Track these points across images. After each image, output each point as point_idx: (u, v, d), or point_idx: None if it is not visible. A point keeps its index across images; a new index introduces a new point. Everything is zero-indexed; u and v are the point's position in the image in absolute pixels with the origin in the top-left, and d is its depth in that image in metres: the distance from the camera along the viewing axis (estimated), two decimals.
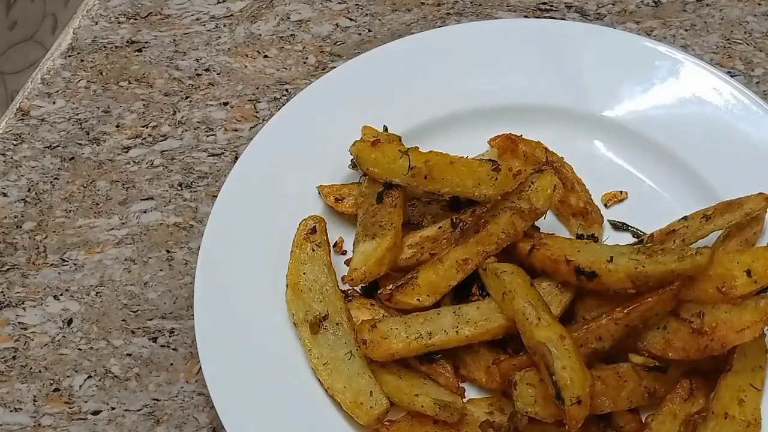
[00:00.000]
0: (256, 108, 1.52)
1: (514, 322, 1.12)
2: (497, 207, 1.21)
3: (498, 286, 1.14)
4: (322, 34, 1.61)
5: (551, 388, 1.04)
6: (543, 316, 1.10)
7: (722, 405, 1.11)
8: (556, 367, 1.04)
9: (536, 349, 1.07)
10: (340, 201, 1.31)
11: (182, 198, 1.42)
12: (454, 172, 1.24)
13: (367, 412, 1.13)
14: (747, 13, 1.59)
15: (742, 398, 1.11)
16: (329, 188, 1.32)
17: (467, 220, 1.23)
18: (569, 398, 1.03)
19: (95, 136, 1.50)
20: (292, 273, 1.23)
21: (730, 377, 1.12)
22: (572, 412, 1.03)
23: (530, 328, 1.09)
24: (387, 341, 1.14)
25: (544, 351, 1.05)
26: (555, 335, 1.07)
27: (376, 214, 1.24)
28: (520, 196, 1.20)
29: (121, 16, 1.65)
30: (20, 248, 1.38)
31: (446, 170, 1.24)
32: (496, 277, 1.15)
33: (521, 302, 1.11)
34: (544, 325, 1.08)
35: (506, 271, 1.15)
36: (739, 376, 1.13)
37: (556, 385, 1.03)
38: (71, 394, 1.25)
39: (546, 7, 1.61)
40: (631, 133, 1.37)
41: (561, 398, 1.03)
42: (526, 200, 1.19)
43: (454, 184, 1.24)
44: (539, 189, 1.20)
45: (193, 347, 1.26)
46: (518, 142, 1.35)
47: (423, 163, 1.24)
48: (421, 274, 1.19)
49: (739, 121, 1.35)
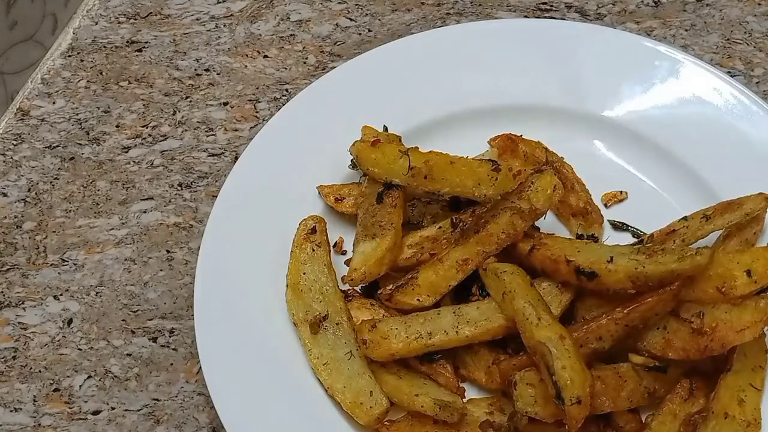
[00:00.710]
0: (256, 108, 1.52)
1: (514, 322, 1.12)
2: (497, 207, 1.21)
3: (498, 286, 1.14)
4: (322, 34, 1.61)
5: (551, 388, 1.04)
6: (543, 316, 1.09)
7: (722, 405, 1.11)
8: (556, 367, 1.04)
9: (536, 349, 1.07)
10: (340, 201, 1.31)
11: (182, 198, 1.42)
12: (454, 172, 1.24)
13: (367, 412, 1.13)
14: (747, 13, 1.59)
15: (742, 398, 1.11)
16: (329, 188, 1.32)
17: (467, 220, 1.23)
18: (569, 398, 1.03)
19: (95, 136, 1.50)
20: (292, 273, 1.23)
21: (730, 377, 1.12)
22: (572, 412, 1.03)
23: (530, 328, 1.09)
24: (387, 341, 1.14)
25: (544, 351, 1.05)
26: (555, 335, 1.07)
27: (376, 214, 1.24)
28: (520, 196, 1.20)
29: (121, 16, 1.65)
30: (20, 248, 1.38)
31: (446, 170, 1.24)
32: (496, 277, 1.15)
33: (521, 302, 1.11)
34: (544, 325, 1.08)
35: (506, 271, 1.15)
36: (739, 376, 1.12)
37: (556, 385, 1.03)
38: (71, 394, 1.25)
39: (546, 7, 1.61)
40: (631, 133, 1.37)
41: (561, 398, 1.03)
42: (526, 200, 1.19)
43: (454, 184, 1.24)
44: (539, 189, 1.20)
45: (193, 347, 1.26)
46: (518, 142, 1.35)
47: (423, 163, 1.24)
48: (421, 274, 1.19)
49: (739, 121, 1.35)
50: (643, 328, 1.12)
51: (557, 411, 1.06)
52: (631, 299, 1.11)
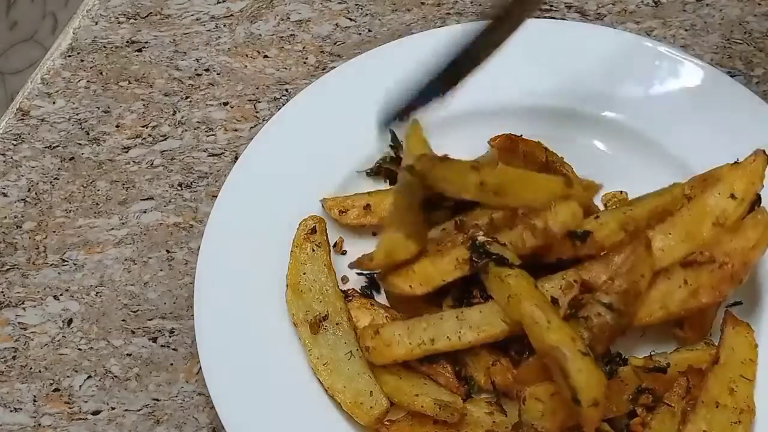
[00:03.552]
0: (256, 108, 1.52)
1: (519, 325, 1.11)
2: (513, 218, 1.20)
3: (502, 289, 1.14)
4: (322, 34, 1.61)
5: (566, 392, 1.04)
6: (552, 318, 1.09)
7: (711, 395, 1.12)
8: (572, 370, 1.03)
9: (548, 352, 1.06)
10: (345, 213, 1.30)
11: (182, 198, 1.42)
12: (527, 187, 1.22)
13: (367, 412, 1.13)
14: (747, 13, 1.59)
15: (732, 388, 1.12)
16: (333, 201, 1.31)
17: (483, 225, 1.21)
18: (586, 401, 1.02)
19: (95, 136, 1.50)
20: (292, 273, 1.23)
21: (719, 369, 1.14)
22: (589, 414, 1.03)
23: (540, 332, 1.08)
24: (390, 348, 1.14)
25: (557, 354, 1.04)
26: (567, 337, 1.06)
27: (416, 219, 1.22)
28: (538, 214, 1.19)
29: (121, 16, 1.65)
30: (20, 248, 1.38)
31: (518, 185, 1.21)
32: (500, 281, 1.14)
33: (528, 305, 1.10)
34: (554, 328, 1.07)
35: (510, 275, 1.14)
36: (728, 368, 1.14)
37: (573, 389, 1.03)
38: (71, 394, 1.25)
39: (546, 7, 1.61)
40: (631, 134, 1.37)
41: (578, 401, 1.03)
42: (542, 220, 1.18)
43: (528, 200, 1.21)
44: (559, 213, 1.18)
45: (193, 347, 1.26)
46: (518, 142, 1.34)
47: (494, 178, 1.20)
48: (419, 263, 1.19)
49: (739, 121, 1.35)
50: (658, 293, 1.15)
51: (564, 422, 1.06)
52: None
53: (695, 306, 1.15)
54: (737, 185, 1.19)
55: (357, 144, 1.35)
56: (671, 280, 1.16)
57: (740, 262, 1.14)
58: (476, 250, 1.16)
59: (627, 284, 1.13)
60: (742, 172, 1.20)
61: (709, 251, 1.15)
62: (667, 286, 1.16)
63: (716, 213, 1.18)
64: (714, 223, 1.17)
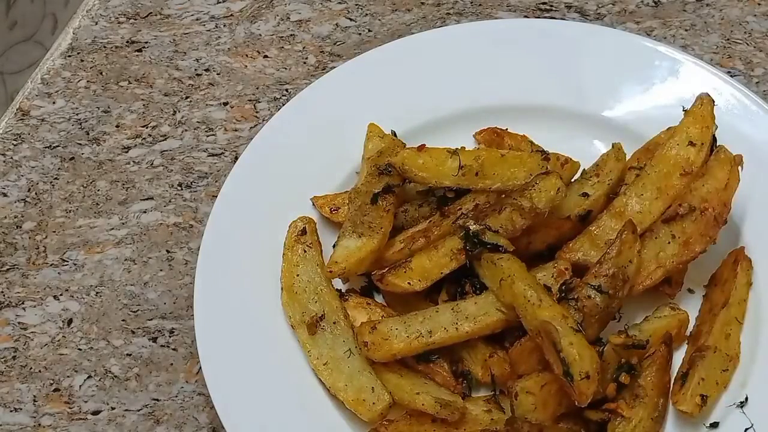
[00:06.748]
0: (256, 108, 1.52)
1: (513, 311, 1.12)
2: (499, 202, 1.21)
3: (494, 273, 1.15)
4: (322, 34, 1.61)
5: (558, 367, 1.05)
6: (544, 297, 1.11)
7: (714, 339, 1.14)
8: (564, 343, 1.05)
9: (540, 328, 1.08)
10: (336, 211, 1.30)
11: (182, 198, 1.42)
12: (506, 165, 1.23)
13: (370, 409, 1.13)
14: (747, 13, 1.59)
15: (728, 332, 1.15)
16: (323, 199, 1.31)
17: (468, 212, 1.22)
18: (578, 373, 1.04)
19: (95, 136, 1.50)
20: (286, 275, 1.23)
21: (724, 312, 1.16)
22: (582, 387, 1.04)
23: (532, 310, 1.10)
24: (388, 342, 1.14)
25: (549, 329, 1.06)
26: (558, 314, 1.08)
27: (368, 214, 1.24)
28: (522, 194, 1.20)
29: (121, 16, 1.65)
30: (20, 248, 1.38)
31: (497, 164, 1.23)
32: (493, 265, 1.15)
33: (521, 285, 1.12)
34: (546, 306, 1.09)
35: (502, 258, 1.15)
36: (730, 311, 1.16)
37: (564, 362, 1.04)
38: (71, 394, 1.25)
39: (546, 7, 1.61)
40: (631, 133, 1.37)
41: (569, 375, 1.04)
42: (528, 199, 1.19)
43: (505, 178, 1.23)
44: (542, 189, 1.20)
45: (193, 347, 1.26)
46: (503, 135, 1.35)
47: (473, 160, 1.23)
48: (415, 259, 1.19)
49: (739, 121, 1.35)
50: (653, 251, 1.17)
51: (556, 410, 1.07)
52: None
53: (690, 257, 1.17)
54: (692, 131, 1.22)
55: (357, 144, 1.35)
56: (660, 238, 1.18)
57: (719, 203, 1.17)
58: (470, 240, 1.17)
59: (615, 268, 1.14)
60: (693, 119, 1.23)
61: (687, 202, 1.17)
62: (658, 245, 1.18)
63: (681, 163, 1.21)
64: (681, 173, 1.20)
